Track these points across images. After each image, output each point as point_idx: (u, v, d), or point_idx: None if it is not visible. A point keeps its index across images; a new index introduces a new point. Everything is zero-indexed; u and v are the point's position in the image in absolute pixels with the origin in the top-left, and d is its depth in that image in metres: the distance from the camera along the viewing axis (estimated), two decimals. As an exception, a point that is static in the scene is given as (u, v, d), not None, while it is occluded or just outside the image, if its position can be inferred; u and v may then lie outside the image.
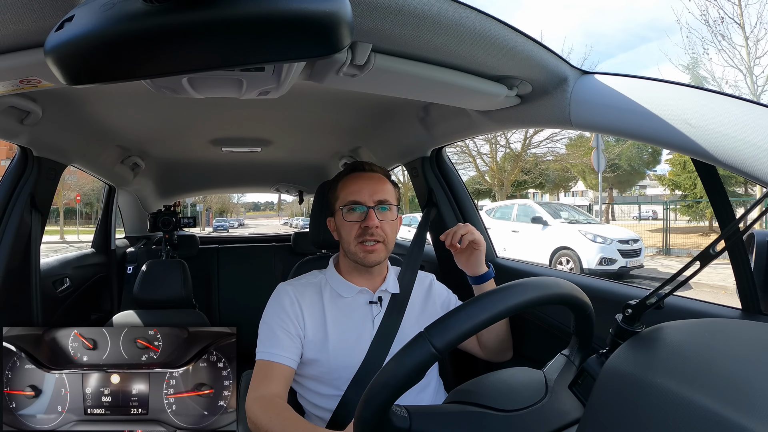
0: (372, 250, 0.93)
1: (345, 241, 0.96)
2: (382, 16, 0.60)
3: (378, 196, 0.94)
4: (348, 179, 0.98)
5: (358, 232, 0.93)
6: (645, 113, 0.69)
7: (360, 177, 0.97)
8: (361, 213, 0.93)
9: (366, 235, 0.92)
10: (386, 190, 0.97)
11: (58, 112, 1.13)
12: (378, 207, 0.94)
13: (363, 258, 0.93)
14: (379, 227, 0.92)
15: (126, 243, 2.48)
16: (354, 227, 0.93)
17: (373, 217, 0.92)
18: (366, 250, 0.93)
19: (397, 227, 0.98)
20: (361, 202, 0.93)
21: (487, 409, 0.54)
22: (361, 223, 0.93)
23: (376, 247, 0.93)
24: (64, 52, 0.38)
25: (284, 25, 0.37)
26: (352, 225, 0.94)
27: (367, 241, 0.92)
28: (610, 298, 0.94)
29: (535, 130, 13.24)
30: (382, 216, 0.94)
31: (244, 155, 1.93)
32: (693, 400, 0.36)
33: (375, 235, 0.92)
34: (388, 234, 0.95)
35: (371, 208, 0.93)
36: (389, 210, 0.96)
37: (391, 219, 0.96)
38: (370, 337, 0.93)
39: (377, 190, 0.95)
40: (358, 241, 0.93)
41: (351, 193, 0.95)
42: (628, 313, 0.50)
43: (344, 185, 0.97)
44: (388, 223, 0.95)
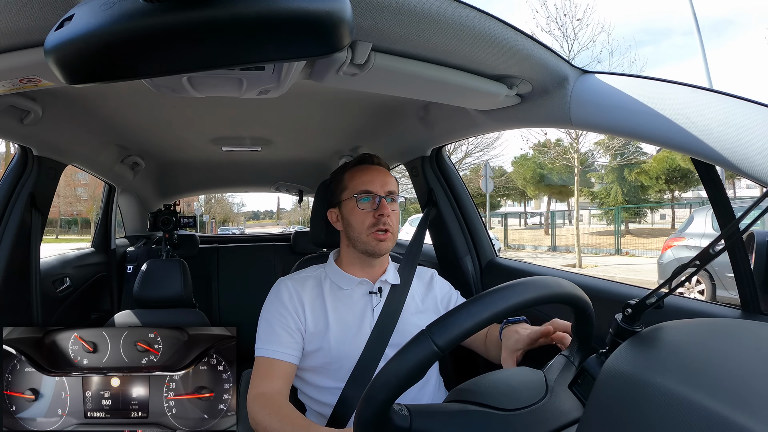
0: (384, 239, 0.95)
1: (356, 230, 0.96)
2: (382, 15, 0.60)
3: (387, 188, 0.97)
4: (357, 170, 1.00)
5: (372, 221, 0.95)
6: (645, 113, 0.69)
7: (370, 168, 1.00)
8: (373, 202, 0.96)
9: (379, 224, 0.94)
10: (393, 182, 1.00)
11: (58, 112, 1.13)
12: (388, 198, 0.97)
13: (375, 247, 0.95)
14: (390, 217, 0.95)
15: (126, 242, 2.48)
16: (368, 216, 0.95)
17: (386, 206, 0.95)
18: (379, 238, 0.95)
19: (399, 219, 1.02)
20: (373, 191, 0.96)
21: (487, 408, 0.54)
22: (375, 212, 0.95)
23: (387, 236, 0.95)
24: (63, 51, 0.37)
25: (284, 24, 0.37)
26: (366, 214, 0.95)
27: (380, 230, 0.94)
28: (610, 298, 0.94)
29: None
30: (391, 206, 0.97)
31: (244, 154, 1.93)
32: (693, 399, 0.36)
33: (386, 225, 0.94)
34: (395, 225, 0.98)
35: (383, 197, 0.96)
36: (395, 202, 0.99)
37: (397, 210, 0.99)
38: (370, 327, 0.94)
39: (386, 181, 0.98)
40: (370, 230, 0.95)
41: (363, 182, 0.97)
42: (628, 313, 0.50)
43: (353, 175, 0.99)
44: (395, 215, 0.98)
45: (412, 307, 1.00)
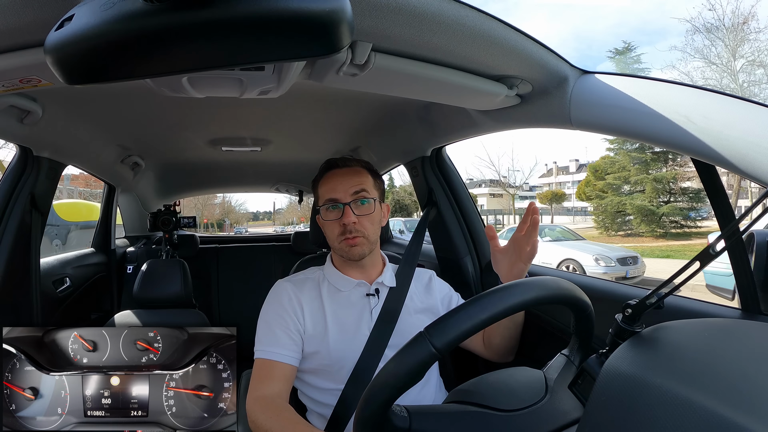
0: (354, 244, 0.93)
1: (329, 239, 0.98)
2: (382, 15, 0.60)
3: (354, 189, 0.94)
4: (325, 177, 0.98)
5: (340, 230, 0.94)
6: (645, 113, 0.68)
7: (335, 174, 0.97)
8: (338, 211, 0.94)
9: (346, 233, 0.93)
10: (363, 181, 0.96)
11: (58, 112, 1.13)
12: (356, 201, 0.94)
13: (348, 252, 0.94)
14: (357, 223, 0.93)
15: (126, 243, 2.48)
16: (335, 226, 0.94)
17: (350, 214, 0.92)
18: (349, 244, 0.93)
19: (378, 219, 0.98)
20: (337, 199, 0.94)
21: (487, 409, 0.54)
22: (340, 221, 0.93)
23: (357, 240, 0.93)
24: (63, 51, 0.37)
25: (284, 24, 0.37)
26: (333, 224, 0.95)
27: (347, 238, 0.93)
28: (610, 298, 0.94)
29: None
30: (360, 210, 0.94)
31: (244, 154, 1.93)
32: (693, 400, 0.36)
33: (354, 231, 0.93)
34: (367, 228, 0.95)
35: (347, 204, 0.93)
36: (367, 203, 0.95)
37: (369, 212, 0.95)
38: (368, 329, 0.94)
39: (353, 183, 0.95)
40: (341, 238, 0.94)
41: (327, 191, 0.96)
42: (628, 313, 0.50)
43: (322, 183, 0.98)
44: (367, 217, 0.95)
45: (411, 308, 1.00)
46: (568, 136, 57.61)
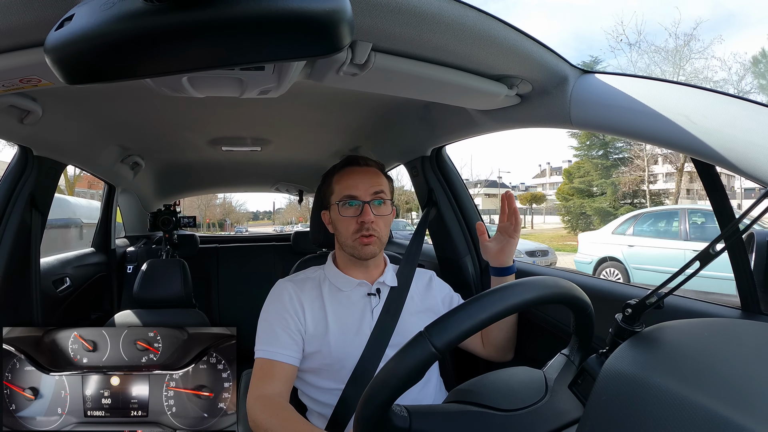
0: (369, 242, 0.94)
1: (342, 235, 0.97)
2: (382, 15, 0.60)
3: (374, 189, 0.95)
4: (343, 173, 0.98)
5: (356, 227, 0.94)
6: (645, 112, 0.69)
7: (355, 171, 0.98)
8: (357, 208, 0.94)
9: (363, 230, 0.93)
10: (381, 183, 0.98)
11: (58, 112, 1.13)
12: (373, 201, 0.95)
13: (360, 251, 0.94)
14: (374, 222, 0.93)
15: (126, 242, 2.48)
16: (351, 222, 0.94)
17: (369, 213, 0.93)
18: (363, 243, 0.94)
19: (390, 221, 1.00)
20: (357, 197, 0.94)
21: (487, 408, 0.54)
22: (358, 218, 0.94)
23: (372, 239, 0.94)
24: (63, 51, 0.37)
25: (284, 24, 0.37)
26: (349, 220, 0.94)
27: (363, 235, 0.93)
28: (610, 298, 0.94)
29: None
30: (377, 210, 0.95)
31: (244, 154, 1.93)
32: (693, 399, 0.36)
33: (371, 230, 0.93)
34: (382, 228, 0.96)
35: (367, 203, 0.94)
36: (384, 204, 0.97)
37: (385, 213, 0.97)
38: (369, 329, 0.94)
39: (373, 183, 0.96)
40: (355, 236, 0.94)
41: (347, 187, 0.95)
42: (628, 313, 0.50)
43: (340, 179, 0.98)
44: (383, 218, 0.96)
45: (412, 308, 1.00)
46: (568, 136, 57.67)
